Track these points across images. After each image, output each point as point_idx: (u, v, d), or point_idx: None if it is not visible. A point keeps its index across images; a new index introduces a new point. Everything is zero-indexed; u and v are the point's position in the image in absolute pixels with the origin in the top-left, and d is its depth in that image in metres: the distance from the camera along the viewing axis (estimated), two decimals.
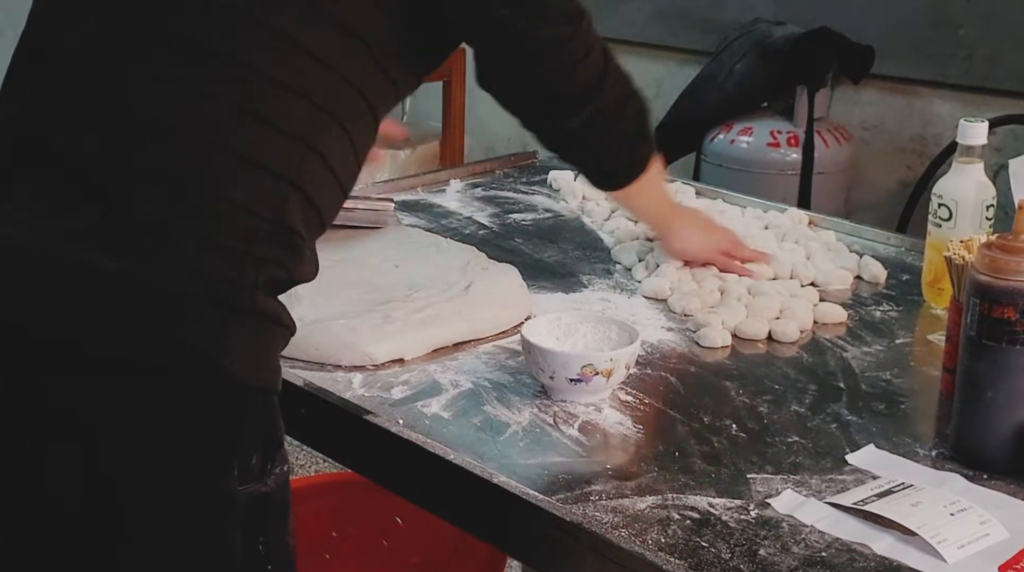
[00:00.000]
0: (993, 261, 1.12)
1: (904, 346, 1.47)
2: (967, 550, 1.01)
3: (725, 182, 2.65)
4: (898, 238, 1.84)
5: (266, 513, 1.11)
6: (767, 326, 1.47)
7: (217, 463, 1.07)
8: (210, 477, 1.07)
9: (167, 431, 1.05)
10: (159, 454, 1.06)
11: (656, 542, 1.03)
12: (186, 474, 1.07)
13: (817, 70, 2.95)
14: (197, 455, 1.07)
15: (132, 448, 1.05)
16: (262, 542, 1.10)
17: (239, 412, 1.08)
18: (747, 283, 1.59)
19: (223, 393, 1.07)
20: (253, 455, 1.09)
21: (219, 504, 1.08)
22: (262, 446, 1.10)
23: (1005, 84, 2.83)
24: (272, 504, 1.11)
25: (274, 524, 1.13)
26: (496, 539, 1.22)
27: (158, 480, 1.06)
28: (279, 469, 1.11)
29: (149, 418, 1.05)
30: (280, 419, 1.13)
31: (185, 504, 1.07)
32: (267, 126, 1.08)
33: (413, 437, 1.20)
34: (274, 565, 1.12)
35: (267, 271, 1.08)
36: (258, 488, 1.09)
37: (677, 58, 3.44)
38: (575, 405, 1.28)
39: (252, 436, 1.09)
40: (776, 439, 1.22)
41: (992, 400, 1.13)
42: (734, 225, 1.83)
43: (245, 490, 1.08)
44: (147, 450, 1.05)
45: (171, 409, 1.05)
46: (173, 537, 1.08)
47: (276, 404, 1.12)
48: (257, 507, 1.10)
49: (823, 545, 1.03)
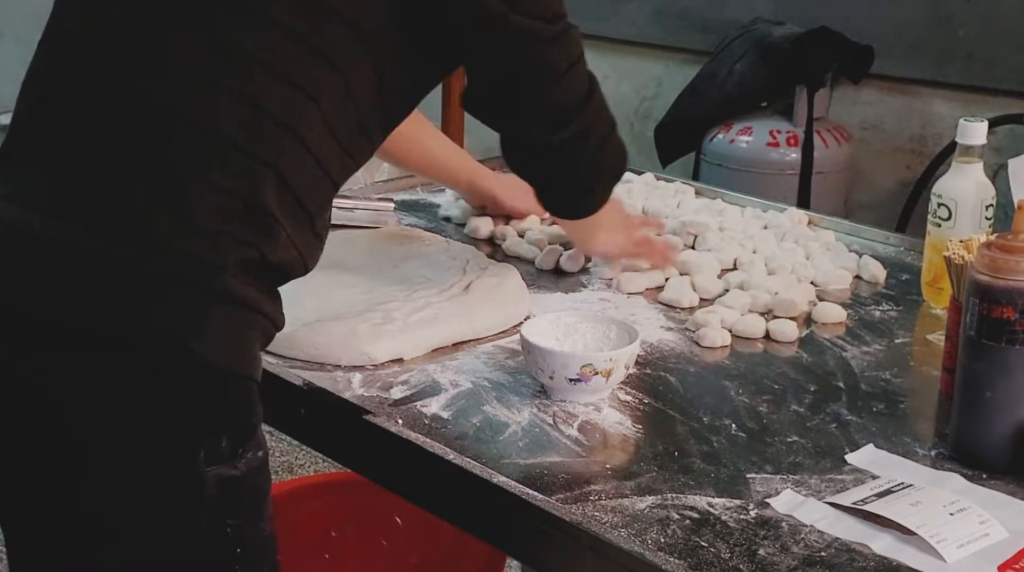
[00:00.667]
0: (992, 261, 1.12)
1: (903, 346, 1.47)
2: (966, 550, 1.01)
3: (725, 182, 2.65)
4: (897, 238, 1.84)
5: (236, 497, 1.11)
6: (764, 324, 1.48)
7: (183, 442, 1.08)
8: (175, 456, 1.08)
9: (133, 408, 1.06)
10: (125, 431, 1.07)
11: (655, 542, 1.03)
12: (151, 451, 1.07)
13: (817, 70, 2.95)
14: (162, 433, 1.07)
15: (99, 424, 1.06)
16: (231, 525, 1.11)
17: (207, 393, 1.08)
18: (741, 278, 1.60)
19: (191, 373, 1.07)
20: (222, 438, 1.09)
21: (184, 483, 1.08)
22: (233, 430, 1.10)
23: (1004, 84, 2.83)
24: (243, 488, 1.12)
25: (245, 509, 1.13)
26: (496, 539, 1.22)
27: (124, 456, 1.07)
28: (251, 454, 1.11)
29: (116, 394, 1.06)
30: (256, 406, 1.13)
31: (150, 481, 1.08)
32: (247, 107, 1.08)
33: (412, 437, 1.20)
34: (243, 549, 1.12)
35: (238, 252, 1.08)
36: (227, 471, 1.09)
37: (677, 58, 3.44)
38: (575, 405, 1.28)
39: (221, 419, 1.09)
40: (775, 439, 1.22)
41: (991, 400, 1.13)
42: (735, 225, 1.83)
43: (212, 472, 1.08)
44: (114, 426, 1.06)
45: (138, 387, 1.06)
46: (138, 514, 1.09)
47: (251, 390, 1.12)
48: (226, 490, 1.10)
49: (822, 545, 1.03)
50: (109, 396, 1.06)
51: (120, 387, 1.06)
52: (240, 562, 1.12)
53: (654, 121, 3.29)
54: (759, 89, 3.03)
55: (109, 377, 1.06)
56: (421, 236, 1.72)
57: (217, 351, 1.07)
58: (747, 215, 1.89)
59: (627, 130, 3.62)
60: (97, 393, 1.06)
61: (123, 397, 1.06)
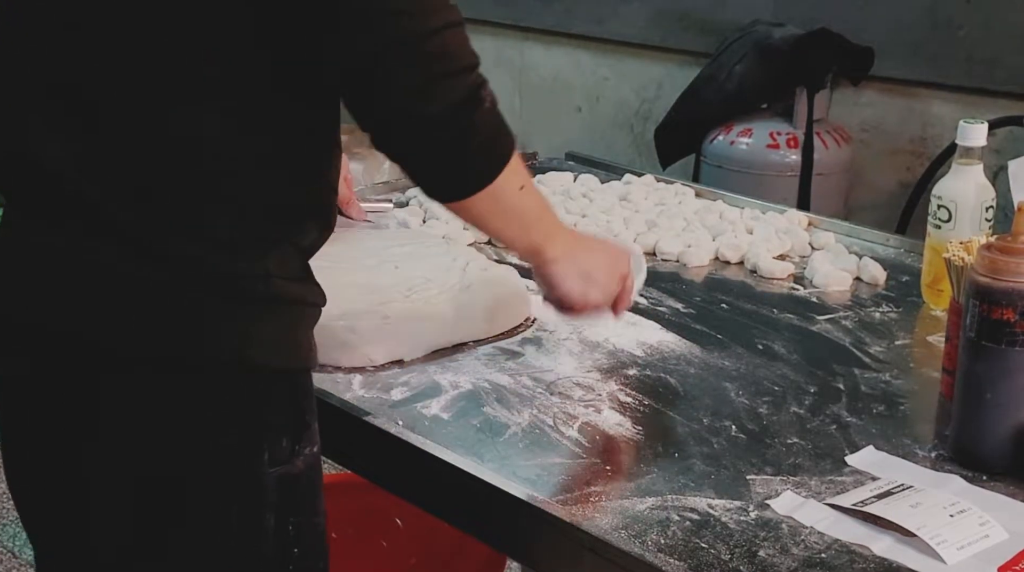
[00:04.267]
0: (992, 262, 1.12)
1: (903, 347, 1.47)
2: (966, 551, 1.01)
3: (725, 183, 2.65)
4: (897, 239, 1.84)
5: (296, 494, 1.12)
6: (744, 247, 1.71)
7: (248, 451, 1.08)
8: (242, 466, 1.08)
9: (196, 424, 1.06)
10: (190, 448, 1.07)
11: (656, 543, 1.03)
12: (218, 465, 1.08)
13: (816, 71, 2.95)
14: (228, 446, 1.08)
15: (163, 443, 1.06)
16: (292, 523, 1.12)
17: (266, 398, 1.09)
18: None
19: (248, 382, 1.08)
20: (283, 438, 1.10)
21: (252, 490, 1.09)
22: (291, 428, 1.11)
23: (1005, 85, 2.83)
24: (301, 485, 1.12)
25: (304, 505, 1.14)
26: (495, 540, 1.22)
27: (191, 473, 1.07)
28: (308, 449, 1.12)
29: (176, 414, 1.06)
30: (310, 397, 1.14)
31: (218, 493, 1.08)
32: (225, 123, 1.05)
33: (412, 438, 1.20)
34: (302, 546, 1.13)
35: (274, 253, 1.08)
36: (288, 470, 1.10)
37: (677, 59, 3.44)
38: (575, 406, 1.28)
39: (281, 420, 1.10)
40: (776, 440, 1.22)
41: (991, 401, 1.13)
42: (735, 226, 1.84)
43: (275, 472, 1.09)
44: (178, 445, 1.06)
45: (198, 404, 1.06)
46: (208, 526, 1.09)
47: (305, 383, 1.13)
48: (287, 489, 1.11)
49: (823, 546, 1.03)
50: (169, 416, 1.06)
51: (180, 406, 1.06)
52: (301, 558, 1.13)
53: (654, 123, 3.29)
54: (759, 91, 3.03)
55: (168, 398, 1.05)
56: (421, 236, 1.72)
57: (270, 354, 1.08)
58: (745, 216, 1.90)
59: (627, 132, 3.62)
60: (157, 414, 1.06)
61: (184, 415, 1.06)
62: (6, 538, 2.77)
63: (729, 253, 1.75)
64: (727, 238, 1.79)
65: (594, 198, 1.98)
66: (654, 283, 1.66)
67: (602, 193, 2.01)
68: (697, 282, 1.69)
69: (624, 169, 2.16)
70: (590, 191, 2.02)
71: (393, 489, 1.28)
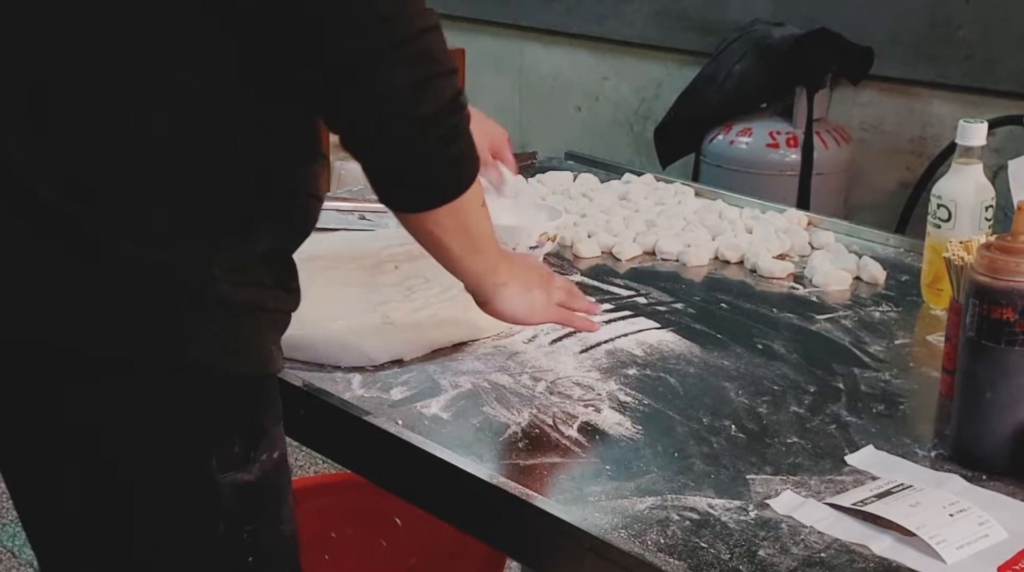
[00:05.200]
0: (992, 262, 1.12)
1: (903, 347, 1.47)
2: (966, 551, 1.01)
3: (724, 183, 2.65)
4: (897, 239, 1.84)
5: (252, 501, 1.10)
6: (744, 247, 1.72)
7: (194, 453, 1.07)
8: (188, 467, 1.07)
9: (141, 424, 1.05)
10: (135, 446, 1.06)
11: (655, 543, 1.03)
12: (163, 465, 1.06)
13: (816, 71, 2.96)
14: (172, 446, 1.06)
15: (109, 441, 1.06)
16: (248, 531, 1.10)
17: (213, 401, 1.07)
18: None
19: (191, 385, 1.06)
20: (234, 443, 1.08)
21: (199, 494, 1.07)
22: (244, 433, 1.09)
23: (1004, 85, 2.83)
24: (259, 492, 1.10)
25: (262, 512, 1.12)
26: (495, 540, 1.22)
27: (136, 472, 1.06)
28: (265, 456, 1.10)
29: (125, 412, 1.05)
30: (269, 404, 1.12)
31: (165, 495, 1.07)
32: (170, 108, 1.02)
33: (412, 438, 1.20)
34: (259, 554, 1.11)
35: (221, 257, 1.05)
36: (241, 476, 1.08)
37: (676, 59, 3.44)
38: (574, 405, 1.28)
39: (231, 424, 1.08)
40: (775, 440, 1.22)
41: (991, 401, 1.13)
42: (735, 226, 1.84)
43: (226, 479, 1.07)
44: (123, 443, 1.06)
45: (143, 402, 1.05)
46: (155, 527, 1.08)
47: (260, 389, 1.11)
48: (241, 496, 1.08)
49: (822, 546, 1.03)
50: (112, 416, 1.05)
51: (126, 404, 1.05)
52: (257, 566, 1.11)
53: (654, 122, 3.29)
54: (759, 90, 3.03)
55: (113, 395, 1.05)
56: None
57: (218, 354, 1.06)
58: (744, 215, 1.90)
59: (627, 131, 3.62)
60: (100, 413, 1.05)
61: (127, 416, 1.05)
62: (6, 538, 2.77)
63: (729, 253, 1.75)
64: (727, 238, 1.79)
65: (594, 198, 1.98)
66: (654, 283, 1.66)
67: (602, 193, 2.01)
68: (697, 282, 1.69)
69: (624, 169, 2.16)
70: (590, 191, 2.02)
71: (393, 489, 1.28)
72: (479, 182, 1.13)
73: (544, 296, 1.31)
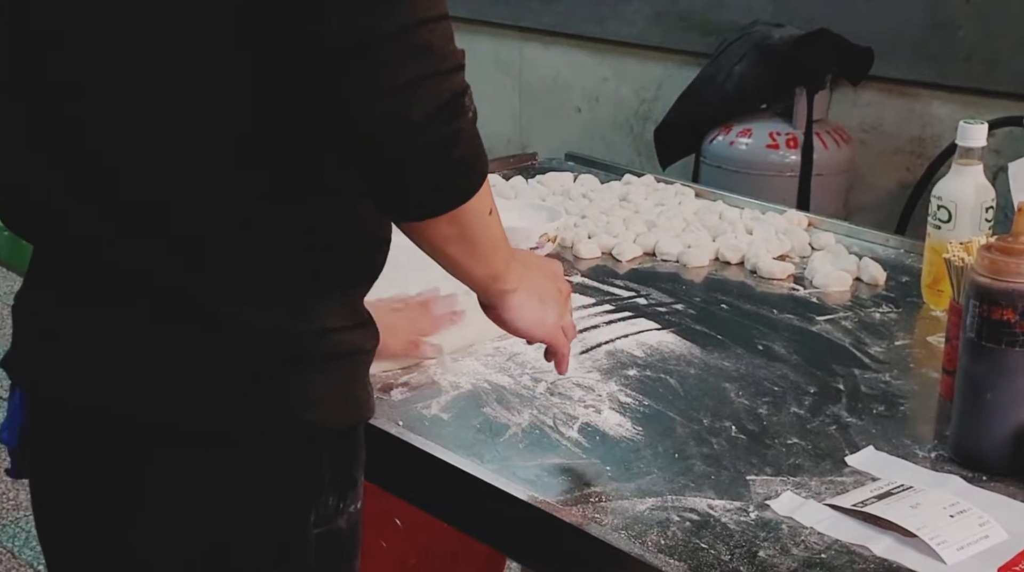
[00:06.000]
0: (992, 263, 1.12)
1: (903, 348, 1.47)
2: (966, 552, 1.01)
3: (724, 184, 2.65)
4: (897, 240, 1.84)
5: (335, 552, 1.08)
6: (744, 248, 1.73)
7: (297, 514, 1.04)
8: (289, 528, 1.04)
9: (246, 493, 1.02)
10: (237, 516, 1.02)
11: (656, 544, 1.03)
12: (265, 530, 1.03)
13: (816, 72, 2.95)
14: (277, 511, 1.03)
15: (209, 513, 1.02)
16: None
17: (319, 459, 1.04)
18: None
19: (306, 445, 1.02)
20: (330, 497, 1.05)
21: (294, 550, 1.04)
22: (339, 486, 1.06)
23: (1004, 86, 2.83)
24: (342, 542, 1.08)
25: (340, 561, 1.10)
26: (495, 541, 1.22)
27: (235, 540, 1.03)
28: (353, 507, 1.08)
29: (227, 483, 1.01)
30: (361, 450, 1.09)
31: (262, 556, 1.04)
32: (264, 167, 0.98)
33: (412, 439, 1.20)
34: None
35: (328, 305, 1.02)
36: (330, 528, 1.06)
37: (676, 60, 3.44)
38: (575, 407, 1.28)
39: (331, 478, 1.05)
40: (776, 441, 1.22)
41: (991, 402, 1.13)
42: (735, 227, 1.84)
43: (319, 532, 1.05)
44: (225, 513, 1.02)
45: (249, 472, 1.01)
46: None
47: (357, 437, 1.08)
48: (327, 547, 1.06)
49: (823, 547, 1.03)
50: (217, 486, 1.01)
51: (230, 475, 1.01)
52: None
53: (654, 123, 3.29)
54: (759, 91, 3.03)
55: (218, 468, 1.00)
56: None
57: (332, 412, 1.02)
58: (745, 216, 1.90)
59: (627, 132, 3.62)
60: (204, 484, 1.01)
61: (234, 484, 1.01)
62: (6, 538, 2.77)
63: (729, 254, 1.75)
64: (727, 239, 1.79)
65: (594, 198, 1.98)
66: (654, 283, 1.67)
67: (602, 193, 2.01)
68: (697, 283, 1.69)
69: (624, 169, 2.16)
70: (590, 191, 2.02)
71: (393, 489, 1.28)
72: (487, 187, 1.02)
73: (556, 313, 1.20)
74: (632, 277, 1.70)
